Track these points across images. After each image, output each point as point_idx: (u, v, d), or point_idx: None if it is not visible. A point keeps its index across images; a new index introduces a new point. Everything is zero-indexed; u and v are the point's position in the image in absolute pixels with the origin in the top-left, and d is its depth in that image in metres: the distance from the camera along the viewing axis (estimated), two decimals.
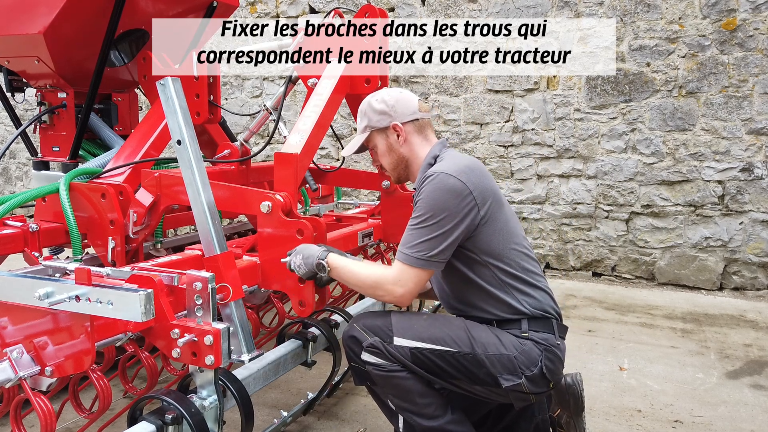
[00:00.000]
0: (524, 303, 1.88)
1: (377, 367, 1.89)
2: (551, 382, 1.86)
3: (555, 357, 1.85)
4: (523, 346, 1.83)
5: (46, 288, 1.53)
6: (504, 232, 1.91)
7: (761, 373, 2.95)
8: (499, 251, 1.89)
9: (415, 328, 1.89)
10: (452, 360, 1.83)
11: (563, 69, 4.78)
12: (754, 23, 4.23)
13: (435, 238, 1.82)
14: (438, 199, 1.84)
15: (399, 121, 2.03)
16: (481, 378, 1.83)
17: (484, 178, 1.92)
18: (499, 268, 1.89)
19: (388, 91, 2.09)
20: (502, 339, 1.85)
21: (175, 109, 1.94)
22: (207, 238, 1.94)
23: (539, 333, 1.86)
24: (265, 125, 4.97)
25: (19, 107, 6.53)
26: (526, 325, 1.87)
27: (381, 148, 2.09)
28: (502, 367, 1.81)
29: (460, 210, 1.83)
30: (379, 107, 2.05)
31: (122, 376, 2.01)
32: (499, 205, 1.92)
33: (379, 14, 2.54)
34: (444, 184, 1.85)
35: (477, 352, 1.82)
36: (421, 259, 1.83)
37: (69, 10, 2.62)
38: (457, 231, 1.83)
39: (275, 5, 5.82)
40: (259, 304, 2.59)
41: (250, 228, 3.78)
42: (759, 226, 4.37)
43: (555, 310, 1.93)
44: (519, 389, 1.82)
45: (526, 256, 1.95)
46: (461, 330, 1.87)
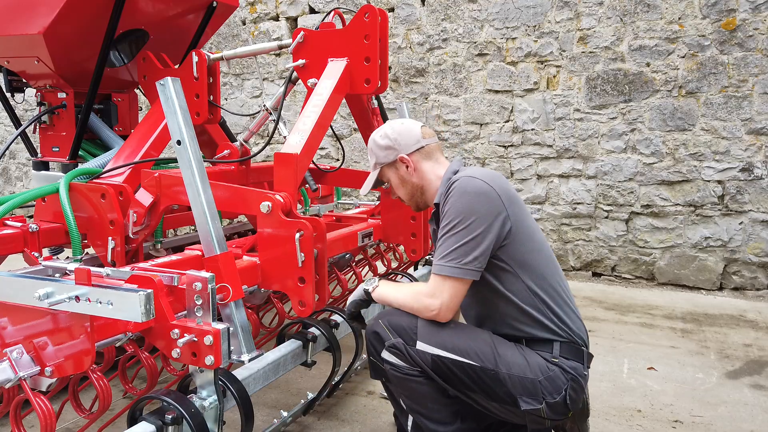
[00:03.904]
0: (557, 325, 1.83)
1: (395, 367, 1.87)
2: (570, 412, 1.81)
3: (579, 387, 1.81)
4: (549, 372, 1.78)
5: (46, 288, 1.53)
6: (533, 243, 1.87)
7: (761, 373, 2.95)
8: (529, 262, 1.84)
9: (440, 336, 1.83)
10: (473, 374, 1.79)
11: (563, 69, 4.78)
12: (753, 23, 4.23)
13: (467, 244, 1.77)
14: (466, 203, 1.80)
15: (404, 153, 2.04)
16: (499, 396, 1.79)
17: (508, 184, 1.90)
18: (532, 281, 1.83)
19: (390, 124, 2.10)
20: (529, 360, 1.79)
21: (175, 109, 1.94)
22: (207, 238, 1.94)
23: (569, 361, 1.81)
24: (265, 125, 4.97)
25: (19, 107, 6.53)
26: (558, 350, 1.82)
27: (394, 182, 2.11)
28: (524, 390, 1.76)
29: (490, 212, 1.79)
30: (383, 143, 2.06)
31: (122, 377, 2.01)
32: (525, 214, 1.89)
33: (379, 14, 2.54)
34: (471, 187, 1.82)
35: (500, 371, 1.77)
36: (455, 267, 1.77)
37: (69, 10, 2.62)
38: (489, 235, 1.78)
39: (275, 5, 5.82)
40: (259, 304, 2.59)
41: (250, 228, 3.78)
42: (759, 226, 4.37)
43: (585, 339, 1.89)
44: (537, 414, 1.78)
45: (557, 275, 1.89)
46: (487, 345, 1.81)
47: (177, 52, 3.19)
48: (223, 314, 1.92)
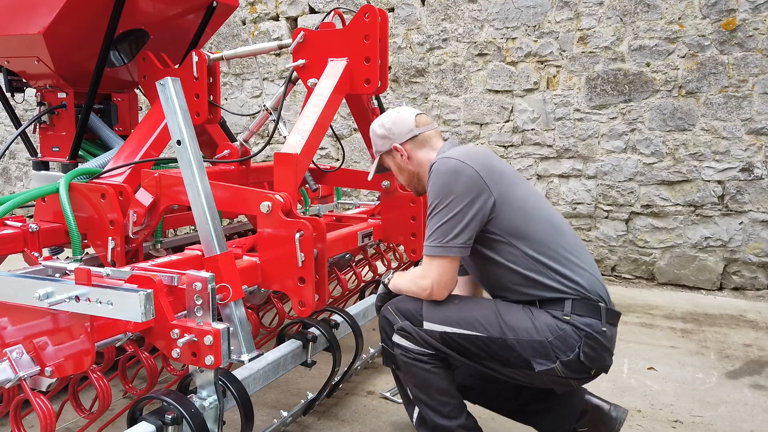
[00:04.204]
0: (565, 284, 1.83)
1: (405, 351, 1.91)
2: (592, 369, 1.81)
3: (598, 344, 1.79)
4: (560, 331, 1.78)
5: (46, 288, 1.53)
6: (527, 210, 1.88)
7: (761, 373, 2.95)
8: (522, 229, 1.85)
9: (444, 313, 1.87)
10: (482, 344, 1.82)
11: (563, 69, 4.78)
12: (753, 23, 4.23)
13: (447, 223, 1.81)
14: (442, 184, 1.85)
15: (398, 142, 2.11)
16: (513, 362, 1.81)
17: (491, 159, 1.94)
18: (529, 248, 1.84)
19: (387, 113, 2.16)
20: (536, 322, 1.80)
21: (175, 109, 1.94)
22: (207, 238, 1.94)
23: (583, 317, 1.79)
24: (265, 125, 4.97)
25: (19, 107, 6.53)
26: (569, 307, 1.81)
27: (393, 169, 2.20)
28: (534, 351, 1.78)
29: (468, 190, 1.82)
30: (380, 132, 2.15)
31: (122, 377, 2.01)
32: (512, 185, 1.90)
33: (379, 14, 2.54)
34: (444, 167, 1.87)
35: (507, 337, 1.79)
36: (438, 246, 1.82)
37: (69, 10, 2.62)
38: (470, 212, 1.81)
39: (275, 5, 5.82)
40: (259, 304, 2.59)
41: (250, 228, 3.78)
42: (759, 226, 4.37)
43: (603, 295, 1.86)
44: (553, 374, 1.78)
45: (559, 237, 1.89)
46: (492, 314, 1.84)
47: (177, 52, 3.19)
48: (223, 314, 1.92)
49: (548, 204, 2.01)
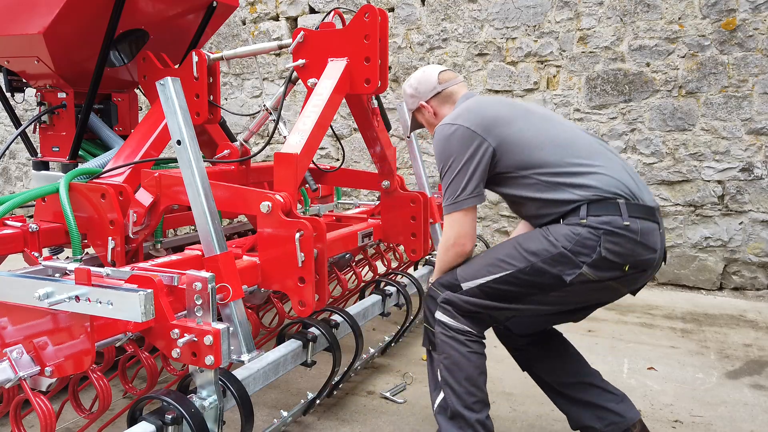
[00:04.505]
0: (578, 193, 1.88)
1: (445, 327, 1.97)
2: (625, 265, 1.84)
3: (621, 239, 1.81)
4: (576, 236, 1.83)
5: (46, 288, 1.53)
6: (525, 141, 1.98)
7: (761, 373, 2.95)
8: (528, 160, 1.96)
9: (474, 269, 1.98)
10: (515, 280, 1.90)
11: (563, 69, 4.78)
12: (753, 23, 4.23)
13: (453, 181, 1.99)
14: (442, 149, 2.03)
15: (424, 100, 2.29)
16: (548, 284, 1.87)
17: (486, 109, 2.05)
18: (539, 173, 1.94)
19: (415, 73, 2.34)
20: (552, 237, 1.87)
21: (175, 109, 1.94)
22: (207, 238, 1.94)
23: (599, 217, 1.83)
24: (265, 125, 4.97)
25: (19, 107, 6.53)
26: (585, 211, 1.86)
27: (424, 124, 2.39)
28: (561, 264, 1.84)
29: (464, 149, 1.97)
30: (409, 91, 2.34)
31: (122, 376, 2.01)
32: (508, 124, 2.00)
33: (379, 14, 2.54)
34: (442, 135, 2.04)
35: (533, 262, 1.87)
36: (450, 204, 2.00)
37: (69, 10, 2.62)
38: (471, 166, 1.97)
39: (275, 5, 5.82)
40: (259, 304, 2.59)
41: (250, 228, 3.78)
42: (759, 226, 4.37)
43: (624, 191, 1.88)
44: (585, 279, 1.83)
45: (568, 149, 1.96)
46: (512, 249, 1.93)
47: (177, 52, 3.19)
48: (223, 314, 1.92)
49: (554, 123, 2.07)
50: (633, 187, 1.92)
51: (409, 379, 2.81)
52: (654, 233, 1.89)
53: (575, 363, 2.14)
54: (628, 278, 1.89)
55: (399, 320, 3.23)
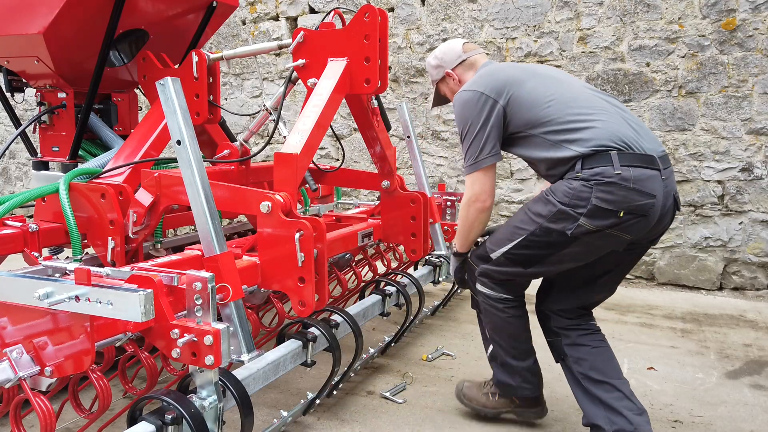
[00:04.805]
0: (575, 148, 2.01)
1: (485, 297, 2.24)
2: (619, 211, 1.94)
3: (614, 187, 1.92)
4: (571, 190, 1.97)
5: (46, 288, 1.53)
6: (532, 100, 2.12)
7: (761, 373, 2.95)
8: (535, 118, 2.10)
9: (498, 238, 2.18)
10: (531, 243, 2.07)
11: (563, 69, 4.78)
12: (753, 23, 4.23)
13: (473, 143, 2.17)
14: (459, 115, 2.22)
15: (449, 68, 2.45)
16: (557, 241, 2.02)
17: (500, 73, 2.22)
18: (544, 131, 2.08)
19: (439, 47, 2.52)
20: (552, 197, 2.02)
21: (175, 109, 1.94)
22: (207, 238, 1.94)
23: (592, 169, 1.96)
24: (265, 125, 4.97)
25: (19, 107, 6.53)
26: (580, 165, 1.99)
27: (448, 94, 2.54)
28: (563, 220, 1.98)
29: (479, 113, 2.15)
30: (434, 62, 2.50)
31: (122, 376, 2.01)
32: (519, 85, 2.15)
33: (379, 14, 2.54)
34: (459, 101, 2.22)
35: (540, 223, 2.03)
36: (471, 165, 2.18)
37: (69, 10, 2.62)
38: (486, 128, 2.15)
39: (275, 5, 5.82)
40: (259, 304, 2.59)
41: (250, 228, 3.78)
42: (759, 226, 4.37)
43: (618, 142, 1.98)
44: (585, 230, 1.96)
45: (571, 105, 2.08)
46: (523, 214, 2.12)
47: (177, 52, 3.19)
48: (223, 314, 1.93)
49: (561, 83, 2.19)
50: (630, 137, 2.00)
51: (409, 379, 2.81)
52: (652, 179, 1.96)
53: (608, 363, 2.16)
54: (626, 224, 1.96)
55: (399, 320, 3.23)
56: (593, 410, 2.11)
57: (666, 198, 2.02)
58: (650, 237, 2.11)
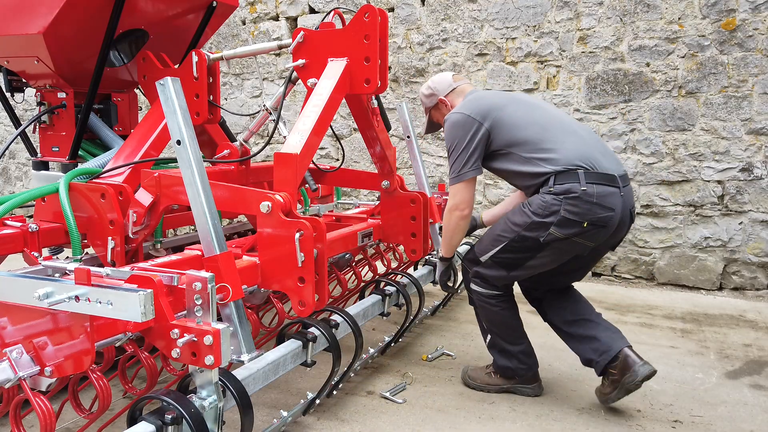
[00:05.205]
0: (548, 166, 2.34)
1: (478, 294, 2.58)
2: (583, 222, 2.28)
3: (579, 201, 2.27)
4: (543, 203, 2.31)
5: (46, 288, 1.53)
6: (512, 123, 2.44)
7: (761, 373, 2.95)
8: (513, 138, 2.43)
9: (484, 244, 2.51)
10: (511, 248, 2.40)
11: (563, 69, 4.78)
12: (753, 23, 4.23)
13: (458, 159, 2.48)
14: (450, 134, 2.52)
15: (442, 95, 2.75)
16: (533, 246, 2.36)
17: (485, 100, 2.54)
18: (520, 149, 2.41)
19: (430, 79, 2.84)
20: (528, 209, 2.35)
21: (175, 109, 1.94)
22: (207, 238, 1.94)
23: (562, 185, 2.29)
24: (265, 125, 4.97)
25: (19, 107, 6.53)
26: (552, 181, 2.32)
27: (440, 120, 2.79)
28: (537, 229, 2.32)
29: (466, 133, 2.47)
30: (427, 92, 2.81)
31: (122, 376, 2.01)
32: (500, 110, 2.47)
33: (379, 14, 2.54)
34: (449, 122, 2.54)
35: (519, 232, 2.36)
36: (455, 176, 2.49)
37: (69, 10, 2.62)
38: (471, 146, 2.45)
39: (275, 5, 5.82)
40: (259, 304, 2.59)
41: (250, 228, 3.78)
42: (758, 226, 4.37)
43: (585, 162, 2.32)
44: (556, 238, 2.31)
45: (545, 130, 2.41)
46: (504, 223, 2.45)
47: (177, 52, 3.19)
48: (223, 314, 1.93)
49: (538, 109, 2.54)
50: (595, 158, 2.35)
51: (409, 379, 2.81)
52: (612, 195, 2.31)
53: (578, 303, 2.62)
54: (588, 233, 2.32)
55: (399, 320, 3.23)
56: (581, 347, 2.51)
57: (624, 211, 2.36)
58: (609, 244, 2.46)
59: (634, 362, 2.36)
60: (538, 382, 2.63)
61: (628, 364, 2.37)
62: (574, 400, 2.62)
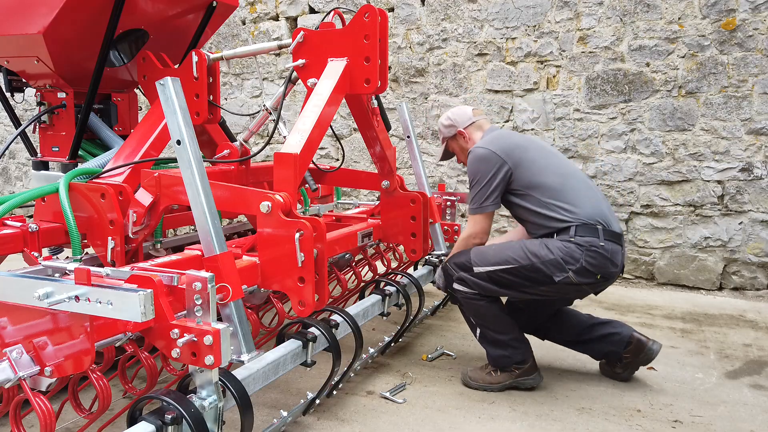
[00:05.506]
0: (568, 216, 2.52)
1: (463, 294, 2.66)
2: (598, 274, 2.48)
3: (598, 255, 2.46)
4: (567, 249, 2.47)
5: (46, 288, 1.53)
6: (533, 168, 2.62)
7: (761, 373, 2.95)
8: (534, 181, 2.60)
9: (487, 257, 2.59)
10: (517, 273, 2.51)
11: (563, 69, 4.78)
12: (753, 23, 4.23)
13: (480, 192, 2.65)
14: (473, 168, 2.68)
15: (462, 128, 2.91)
16: (541, 280, 2.49)
17: (508, 139, 2.72)
18: (539, 193, 2.58)
19: (450, 110, 3.00)
20: (549, 247, 2.49)
21: (175, 109, 1.94)
22: (207, 238, 1.94)
23: (584, 237, 2.48)
24: (265, 125, 4.97)
25: (19, 107, 6.53)
26: (574, 231, 2.49)
27: (457, 150, 3.00)
28: (553, 267, 2.47)
29: (490, 169, 2.62)
30: (447, 122, 2.96)
31: (122, 376, 2.01)
32: (524, 152, 2.65)
33: (379, 14, 2.54)
34: (474, 156, 2.69)
35: (533, 262, 2.49)
36: (477, 208, 2.67)
37: (69, 10, 2.62)
38: (494, 182, 2.61)
39: (275, 5, 5.82)
40: (259, 304, 2.59)
41: (250, 228, 3.78)
42: (758, 226, 4.37)
43: (602, 219, 2.52)
44: (569, 281, 2.47)
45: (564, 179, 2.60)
46: (519, 249, 2.54)
47: (177, 52, 3.19)
48: (223, 314, 1.93)
49: (559, 159, 2.74)
50: (608, 217, 2.56)
51: (409, 379, 2.81)
52: (618, 253, 2.53)
53: (575, 318, 2.82)
54: (596, 284, 2.54)
55: (399, 320, 3.23)
56: (597, 347, 2.76)
57: (622, 267, 2.58)
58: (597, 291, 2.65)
59: (645, 343, 2.68)
60: (538, 371, 2.70)
61: (641, 346, 2.68)
62: (574, 400, 2.62)
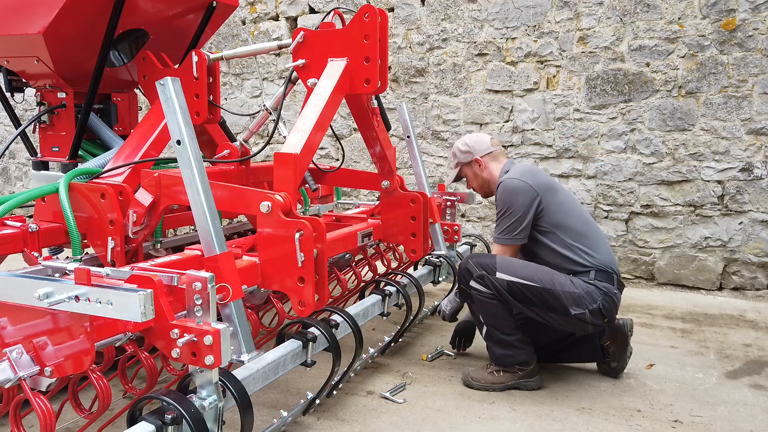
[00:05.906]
0: (589, 260, 2.66)
1: (479, 292, 2.67)
2: (606, 318, 2.61)
3: (611, 301, 2.61)
4: (588, 288, 2.59)
5: (46, 288, 1.53)
6: (561, 209, 2.72)
7: (761, 373, 2.95)
8: (559, 222, 2.70)
9: (513, 268, 2.63)
10: (537, 293, 2.57)
11: (563, 69, 4.78)
12: (753, 23, 4.23)
13: (512, 225, 2.69)
14: (507, 198, 2.71)
15: (478, 155, 2.94)
16: (556, 308, 2.57)
17: (539, 175, 2.80)
18: (564, 233, 2.68)
19: (468, 136, 3.02)
20: (574, 282, 2.61)
21: (175, 109, 1.95)
22: (207, 238, 1.94)
23: (602, 282, 2.62)
24: (265, 125, 4.97)
25: (19, 107, 6.53)
26: (594, 275, 2.63)
27: (470, 176, 3.02)
28: (572, 300, 2.56)
29: (523, 202, 2.67)
30: (464, 148, 2.97)
31: (122, 376, 2.01)
32: (554, 192, 2.75)
33: (379, 14, 2.54)
34: (509, 186, 2.72)
35: (556, 288, 2.57)
36: (507, 238, 2.72)
37: (69, 10, 2.62)
38: (527, 216, 2.67)
39: (275, 5, 5.82)
40: (259, 304, 2.59)
41: (250, 228, 3.78)
42: (758, 226, 4.37)
43: (614, 268, 2.68)
44: (582, 318, 2.56)
45: (586, 226, 2.74)
46: (546, 273, 2.63)
47: (177, 52, 3.19)
48: (223, 314, 1.93)
49: (578, 203, 2.87)
50: (617, 267, 2.72)
51: (409, 379, 2.81)
52: (620, 301, 2.69)
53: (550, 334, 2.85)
54: (598, 327, 2.65)
55: (399, 320, 3.23)
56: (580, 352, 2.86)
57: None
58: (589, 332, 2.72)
59: (617, 324, 2.78)
60: (539, 374, 2.73)
61: (615, 329, 2.78)
62: (574, 400, 2.62)
